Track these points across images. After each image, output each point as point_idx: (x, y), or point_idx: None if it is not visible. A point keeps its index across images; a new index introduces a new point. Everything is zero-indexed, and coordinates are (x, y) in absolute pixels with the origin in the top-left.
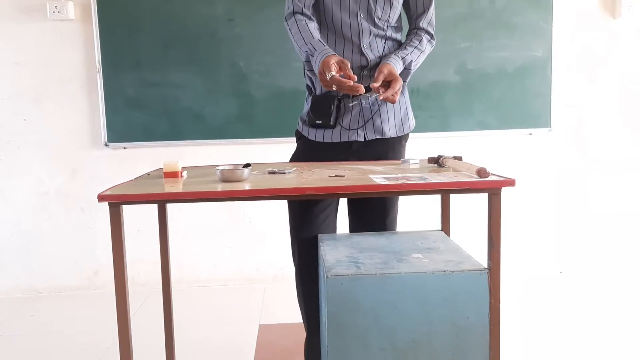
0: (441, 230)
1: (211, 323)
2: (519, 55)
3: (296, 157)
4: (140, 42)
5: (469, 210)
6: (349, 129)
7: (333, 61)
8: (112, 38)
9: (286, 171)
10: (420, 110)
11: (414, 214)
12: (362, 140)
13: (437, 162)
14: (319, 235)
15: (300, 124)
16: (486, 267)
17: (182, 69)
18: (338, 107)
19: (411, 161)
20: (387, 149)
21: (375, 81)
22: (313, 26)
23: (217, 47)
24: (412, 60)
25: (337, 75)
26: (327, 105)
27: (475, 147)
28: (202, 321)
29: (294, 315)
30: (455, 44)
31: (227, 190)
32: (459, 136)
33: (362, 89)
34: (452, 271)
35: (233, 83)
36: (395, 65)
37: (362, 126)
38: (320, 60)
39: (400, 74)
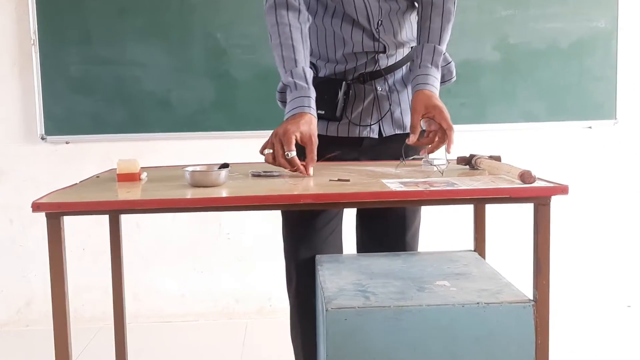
0: (474, 250)
1: None
2: (576, 27)
3: None
4: (88, 7)
5: (510, 225)
6: (359, 125)
7: (298, 134)
8: (52, 1)
9: (275, 173)
10: (448, 96)
11: (439, 230)
12: (377, 136)
13: (469, 162)
14: (317, 257)
15: (278, 101)
16: (531, 298)
17: (143, 42)
18: (347, 94)
19: (436, 161)
20: (406, 146)
21: (412, 131)
22: (298, 32)
23: (188, 14)
24: (446, 43)
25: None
26: (332, 92)
27: (519, 144)
28: None
29: (284, 359)
30: (494, 12)
31: (198, 197)
32: (497, 130)
33: (310, 175)
34: (488, 303)
35: (208, 60)
36: (433, 82)
37: (379, 121)
38: (293, 108)
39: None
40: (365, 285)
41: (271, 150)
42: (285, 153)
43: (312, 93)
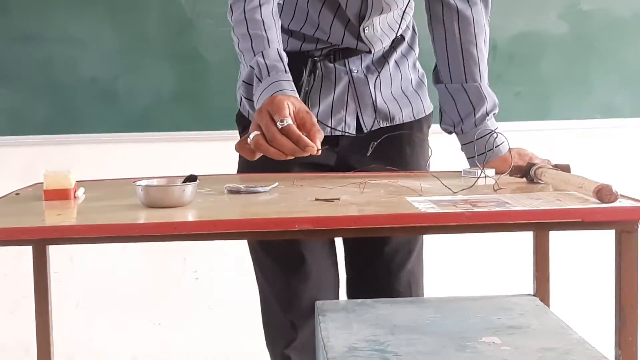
0: (534, 294)
1: None
2: None
3: (242, 165)
4: None
5: (583, 260)
6: (330, 121)
7: (291, 106)
8: None
9: (261, 189)
10: (499, 83)
11: (486, 267)
12: (354, 132)
13: (526, 174)
14: (317, 303)
15: (243, 98)
16: (613, 359)
17: (78, 10)
18: (313, 73)
19: (480, 172)
20: (400, 143)
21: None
22: (271, 17)
23: None
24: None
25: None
26: (295, 72)
27: (594, 149)
28: None
29: None
30: None
31: (155, 222)
32: (564, 128)
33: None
34: None
35: (168, 35)
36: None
37: (357, 112)
38: (269, 94)
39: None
40: (385, 343)
41: (258, 132)
42: (278, 122)
43: (288, 79)
